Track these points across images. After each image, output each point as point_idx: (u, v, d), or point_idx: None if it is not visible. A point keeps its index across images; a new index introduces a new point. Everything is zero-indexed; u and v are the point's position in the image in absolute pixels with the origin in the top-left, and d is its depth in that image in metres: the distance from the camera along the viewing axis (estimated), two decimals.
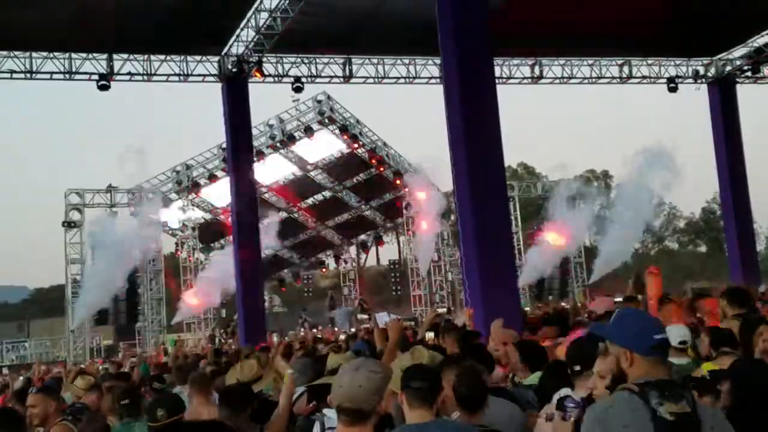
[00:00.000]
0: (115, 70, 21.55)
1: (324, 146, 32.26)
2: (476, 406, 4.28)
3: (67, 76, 21.52)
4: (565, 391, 4.49)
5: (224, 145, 25.67)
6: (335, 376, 3.75)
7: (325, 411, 4.68)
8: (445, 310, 27.86)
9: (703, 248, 69.18)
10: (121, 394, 6.66)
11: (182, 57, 22.24)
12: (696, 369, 5.40)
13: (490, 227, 12.46)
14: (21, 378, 14.93)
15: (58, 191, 29.03)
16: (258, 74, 22.35)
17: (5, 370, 24.98)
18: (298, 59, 23.36)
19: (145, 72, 22.08)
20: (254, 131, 25.47)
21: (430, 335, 8.47)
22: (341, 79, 24.01)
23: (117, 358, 21.45)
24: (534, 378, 5.59)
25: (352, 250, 42.77)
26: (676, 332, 5.99)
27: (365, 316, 27.43)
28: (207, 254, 35.58)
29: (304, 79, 23.45)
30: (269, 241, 29.46)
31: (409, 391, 3.76)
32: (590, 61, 25.73)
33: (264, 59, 22.35)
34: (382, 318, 21.68)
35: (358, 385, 3.49)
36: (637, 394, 3.22)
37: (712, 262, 57.24)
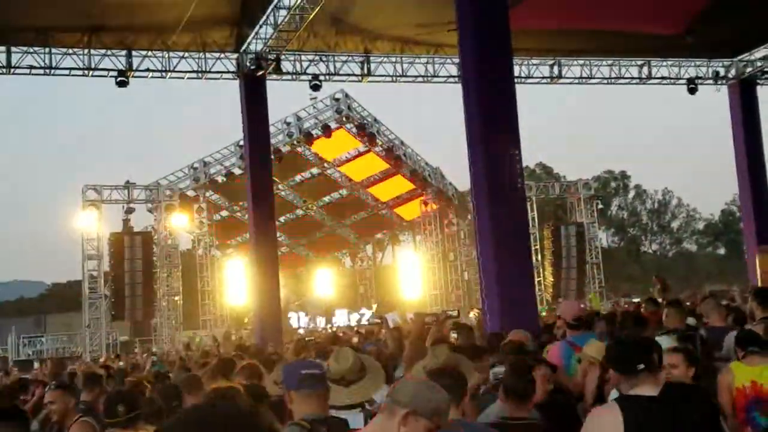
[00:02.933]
0: (134, 67, 21.60)
1: (341, 144, 32.21)
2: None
3: (86, 72, 21.57)
4: None
5: (242, 143, 25.69)
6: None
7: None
8: (456, 312, 27.85)
9: (722, 250, 68.78)
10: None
11: (201, 54, 22.27)
12: None
13: (507, 227, 12.38)
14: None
15: (76, 187, 29.09)
16: (276, 72, 22.34)
17: (36, 364, 25.04)
18: (317, 57, 23.33)
19: (163, 68, 22.12)
20: (272, 129, 25.45)
21: (453, 335, 8.54)
22: (359, 77, 23.96)
23: (135, 356, 21.45)
24: None
25: (368, 249, 42.71)
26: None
27: (377, 320, 27.37)
28: (223, 251, 35.61)
29: (322, 77, 23.44)
30: None
31: None
32: (609, 62, 25.57)
33: (282, 57, 22.34)
34: (392, 318, 21.56)
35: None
36: (308, 431, 3.55)
37: (730, 264, 56.90)
